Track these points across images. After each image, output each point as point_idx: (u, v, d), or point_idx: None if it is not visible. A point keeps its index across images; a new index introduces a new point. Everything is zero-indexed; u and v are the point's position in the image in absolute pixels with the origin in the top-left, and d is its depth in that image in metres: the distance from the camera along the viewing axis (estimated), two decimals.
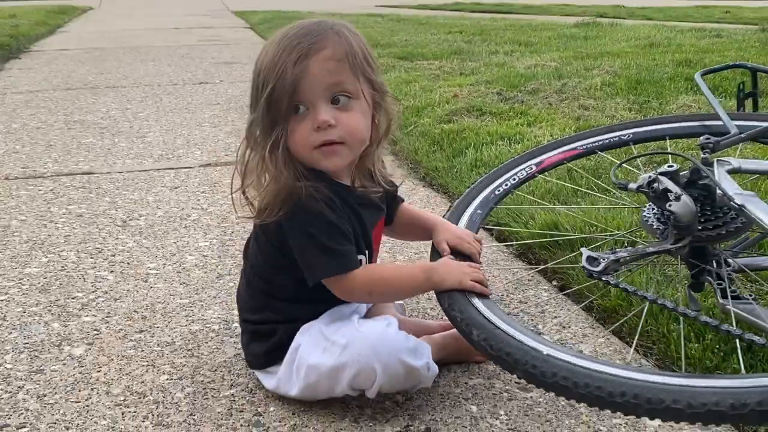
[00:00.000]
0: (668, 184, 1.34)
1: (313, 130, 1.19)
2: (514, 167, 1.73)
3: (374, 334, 1.22)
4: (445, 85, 4.19)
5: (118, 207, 2.40)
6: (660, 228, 1.39)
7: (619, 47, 5.44)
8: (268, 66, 1.19)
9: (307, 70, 1.17)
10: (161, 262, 1.94)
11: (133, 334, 1.56)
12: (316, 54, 1.18)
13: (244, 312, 1.38)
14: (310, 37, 1.19)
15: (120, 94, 4.55)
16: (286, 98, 1.17)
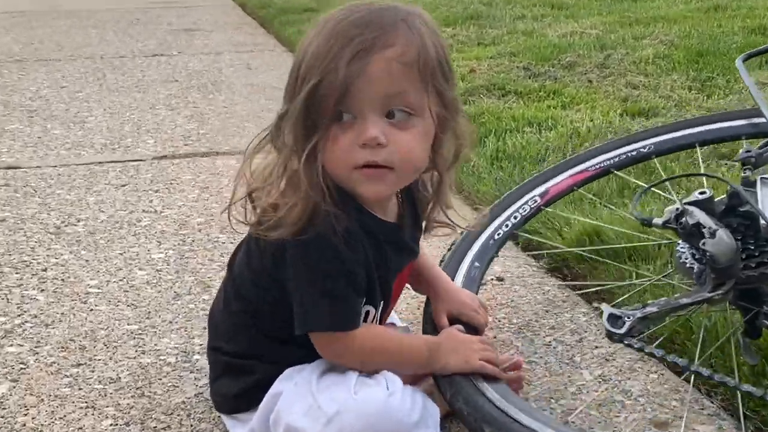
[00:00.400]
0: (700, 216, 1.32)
1: (358, 145, 1.16)
2: (513, 202, 1.73)
3: (372, 406, 1.20)
4: (459, 58, 4.20)
5: (50, 210, 2.40)
6: (697, 269, 1.37)
7: (677, 10, 5.45)
8: (314, 56, 1.14)
9: (364, 70, 1.12)
10: (104, 279, 1.94)
11: (69, 368, 1.56)
12: (380, 52, 1.13)
13: (217, 337, 1.37)
14: (375, 28, 1.14)
15: (53, 68, 4.56)
16: (332, 101, 1.13)
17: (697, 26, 4.72)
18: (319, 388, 1.23)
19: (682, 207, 1.33)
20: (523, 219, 1.72)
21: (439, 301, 1.46)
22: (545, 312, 1.77)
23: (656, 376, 1.52)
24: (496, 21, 5.46)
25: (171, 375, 1.54)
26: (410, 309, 1.80)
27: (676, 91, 3.38)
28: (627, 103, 3.23)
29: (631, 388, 1.48)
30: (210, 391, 1.39)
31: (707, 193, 1.35)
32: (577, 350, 1.62)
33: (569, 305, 1.80)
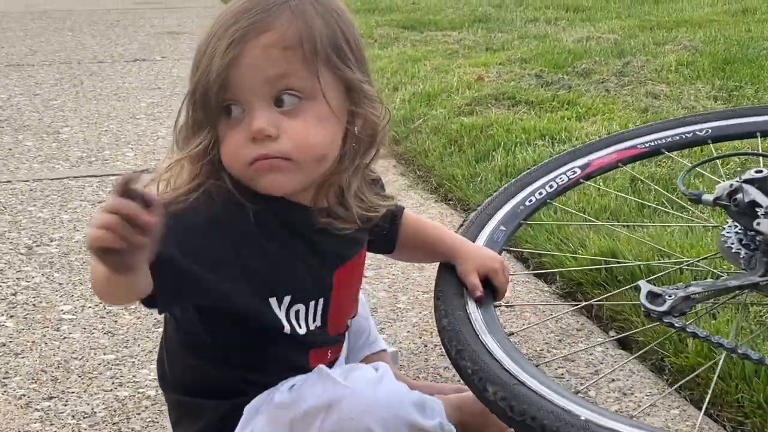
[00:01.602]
0: (756, 194, 1.34)
1: (249, 140, 1.16)
2: (551, 170, 1.74)
3: (366, 388, 1.21)
4: (465, 65, 4.22)
5: (21, 228, 2.41)
6: (745, 254, 1.40)
7: (701, 13, 5.48)
8: (198, 49, 1.18)
9: (239, 58, 1.14)
10: (79, 304, 1.95)
11: (40, 401, 1.56)
12: (255, 38, 1.14)
13: (162, 378, 1.36)
14: (254, 13, 1.16)
15: (26, 74, 4.58)
16: (213, 95, 1.15)
17: (723, 31, 4.74)
18: (296, 396, 1.22)
19: (737, 183, 1.35)
20: (558, 189, 1.73)
21: (466, 260, 1.45)
22: (558, 341, 1.78)
23: (678, 412, 1.52)
24: (505, 24, 5.48)
25: (150, 409, 1.54)
26: (411, 337, 1.81)
27: (700, 101, 3.39)
28: (647, 114, 3.24)
29: (653, 424, 1.48)
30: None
31: (765, 171, 1.37)
32: (592, 383, 1.62)
33: (584, 334, 1.81)
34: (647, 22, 5.25)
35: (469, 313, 1.37)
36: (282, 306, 1.25)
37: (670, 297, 1.30)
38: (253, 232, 1.19)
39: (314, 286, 1.28)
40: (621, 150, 1.78)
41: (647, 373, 1.65)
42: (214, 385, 1.29)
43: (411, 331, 1.83)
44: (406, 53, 4.58)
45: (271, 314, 1.24)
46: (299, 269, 1.25)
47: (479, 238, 1.57)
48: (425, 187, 2.77)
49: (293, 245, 1.24)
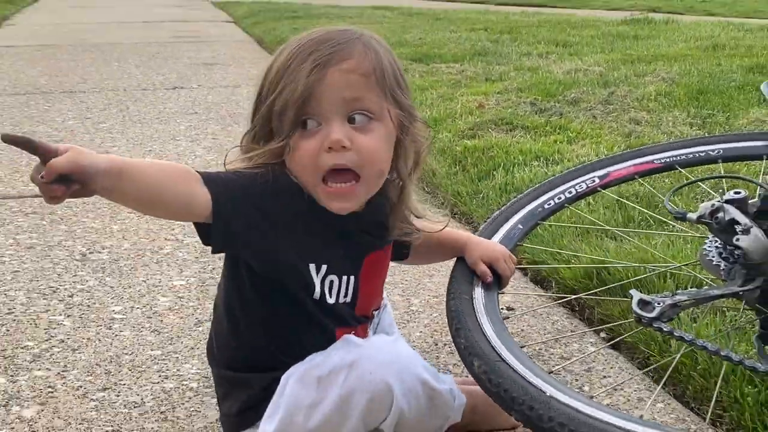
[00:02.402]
0: (735, 214, 1.34)
1: (324, 151, 1.21)
2: (572, 179, 1.74)
3: (384, 349, 1.24)
4: (467, 93, 4.22)
5: (76, 237, 2.41)
6: (725, 266, 1.40)
7: (677, 49, 5.48)
8: (276, 71, 1.22)
9: (323, 78, 1.19)
10: (128, 305, 1.95)
11: (95, 392, 1.57)
12: (338, 64, 1.21)
13: (212, 358, 1.39)
14: (332, 44, 1.22)
15: (78, 100, 4.60)
16: (294, 109, 1.20)
17: (696, 64, 4.74)
18: (325, 357, 1.24)
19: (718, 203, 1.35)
20: (576, 195, 1.74)
21: (473, 250, 1.50)
22: (554, 342, 1.77)
23: (663, 405, 1.52)
24: (502, 57, 5.49)
25: (193, 400, 1.54)
26: (423, 336, 1.80)
27: (677, 127, 3.39)
28: (630, 138, 3.24)
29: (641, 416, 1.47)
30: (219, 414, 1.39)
31: (742, 193, 1.37)
32: (585, 380, 1.61)
33: (577, 336, 1.80)
34: (628, 56, 5.26)
35: (474, 298, 1.40)
36: (319, 273, 1.28)
37: (658, 304, 1.29)
38: (305, 210, 1.25)
39: (348, 263, 1.31)
40: (640, 164, 1.78)
41: (636, 371, 1.64)
42: (255, 363, 1.31)
43: (423, 331, 1.83)
44: (415, 83, 4.58)
45: (309, 278, 1.27)
46: (338, 247, 1.29)
47: (498, 233, 1.59)
48: (433, 203, 2.77)
49: (336, 228, 1.28)
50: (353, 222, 1.29)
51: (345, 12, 9.16)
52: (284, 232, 1.24)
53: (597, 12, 9.87)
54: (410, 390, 1.22)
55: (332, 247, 1.29)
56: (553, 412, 1.11)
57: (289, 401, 1.23)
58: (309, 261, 1.27)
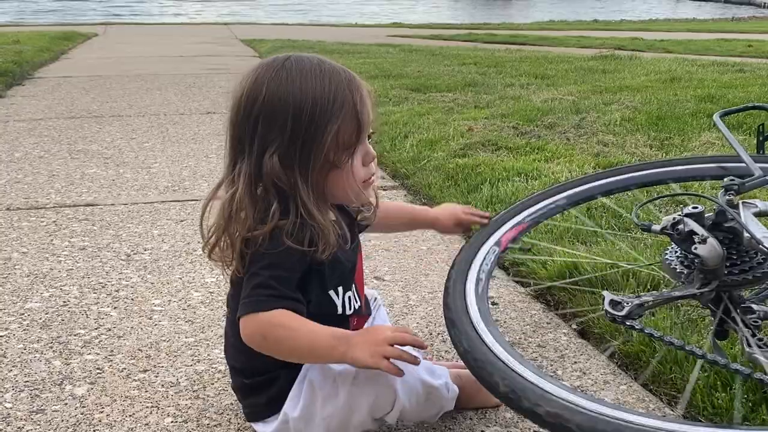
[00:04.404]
0: (694, 226, 1.35)
1: (362, 165, 1.23)
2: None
3: None
4: (459, 119, 4.22)
5: (122, 240, 2.42)
6: (683, 272, 1.40)
7: (639, 81, 5.48)
8: (319, 102, 1.17)
9: (367, 107, 1.21)
10: (166, 299, 1.95)
11: (137, 373, 1.57)
12: (363, 90, 1.22)
13: (236, 364, 1.33)
14: (346, 71, 1.22)
15: (125, 123, 4.61)
16: (352, 137, 1.19)
17: (656, 94, 4.74)
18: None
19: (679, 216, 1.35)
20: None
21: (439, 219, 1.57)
22: (532, 332, 1.77)
23: (625, 387, 1.51)
24: (489, 88, 5.49)
25: (222, 381, 1.54)
26: (420, 327, 1.80)
27: (639, 149, 3.39)
28: (599, 157, 3.24)
29: (604, 397, 1.47)
30: (241, 405, 1.35)
31: (700, 208, 1.38)
32: (559, 365, 1.61)
33: (552, 327, 1.80)
34: (597, 87, 5.26)
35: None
36: (339, 296, 1.28)
37: (627, 304, 1.29)
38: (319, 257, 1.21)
39: (351, 274, 1.32)
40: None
41: (601, 358, 1.64)
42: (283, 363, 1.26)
43: (419, 323, 1.83)
44: (414, 109, 4.59)
45: (333, 302, 1.28)
46: (345, 267, 1.29)
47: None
48: None
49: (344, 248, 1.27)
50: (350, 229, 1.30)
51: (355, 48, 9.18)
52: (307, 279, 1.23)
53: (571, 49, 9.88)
54: (411, 389, 1.23)
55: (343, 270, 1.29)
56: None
57: (309, 390, 1.24)
58: (330, 289, 1.27)
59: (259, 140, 1.19)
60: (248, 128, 1.19)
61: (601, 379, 1.55)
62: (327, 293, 1.27)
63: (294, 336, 1.16)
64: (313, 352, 1.17)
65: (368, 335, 1.15)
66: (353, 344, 1.14)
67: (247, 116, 1.19)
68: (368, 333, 1.17)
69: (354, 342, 1.15)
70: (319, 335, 1.16)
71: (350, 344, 1.15)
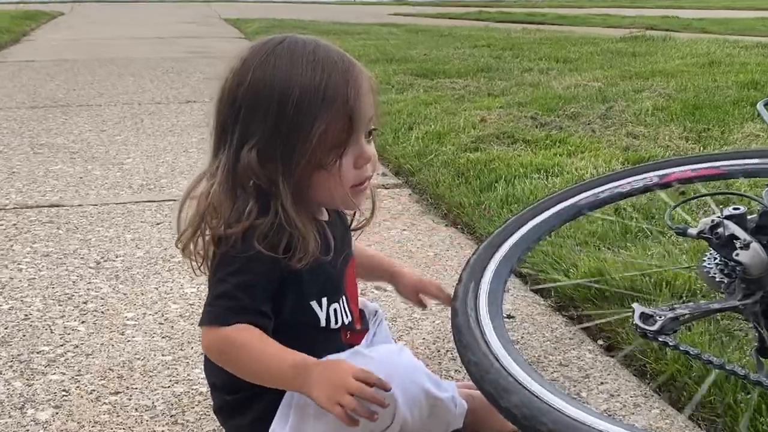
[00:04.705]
0: (735, 229, 1.34)
1: (354, 167, 1.21)
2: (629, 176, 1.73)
3: (387, 359, 1.23)
4: (470, 108, 4.23)
5: (91, 246, 2.42)
6: (723, 281, 1.39)
7: (673, 65, 5.48)
8: (307, 92, 1.15)
9: (363, 102, 1.18)
10: (141, 312, 1.95)
11: (108, 396, 1.57)
12: (364, 83, 1.19)
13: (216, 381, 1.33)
14: (348, 61, 1.20)
15: (94, 113, 4.62)
16: (342, 134, 1.17)
17: (693, 80, 4.74)
18: None
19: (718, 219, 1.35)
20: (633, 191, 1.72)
21: (404, 284, 1.52)
22: (553, 349, 1.77)
23: (658, 412, 1.51)
24: (504, 73, 5.50)
25: (203, 404, 1.54)
26: (426, 343, 1.80)
27: (673, 141, 3.39)
28: (628, 152, 3.24)
29: (635, 423, 1.47)
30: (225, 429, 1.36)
31: (741, 209, 1.37)
32: (583, 386, 1.61)
33: (575, 342, 1.80)
34: (626, 72, 5.26)
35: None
36: (323, 307, 1.28)
37: (660, 317, 1.29)
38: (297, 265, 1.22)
39: (338, 284, 1.32)
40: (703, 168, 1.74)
41: (632, 378, 1.63)
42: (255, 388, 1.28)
43: (426, 339, 1.82)
44: (420, 98, 4.60)
45: (314, 314, 1.28)
46: (330, 276, 1.29)
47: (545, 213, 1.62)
48: (437, 213, 2.77)
49: (325, 257, 1.27)
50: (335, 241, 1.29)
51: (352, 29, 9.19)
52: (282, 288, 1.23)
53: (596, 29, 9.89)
54: (413, 399, 1.22)
55: (326, 279, 1.29)
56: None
57: (299, 407, 1.23)
58: (311, 300, 1.27)
59: (240, 131, 1.19)
60: (231, 116, 1.20)
61: (631, 401, 1.54)
62: (307, 303, 1.27)
63: (253, 358, 1.17)
64: (272, 379, 1.19)
65: (329, 373, 1.16)
66: (312, 380, 1.15)
67: (230, 103, 1.20)
68: (330, 370, 1.16)
69: (313, 378, 1.15)
70: (279, 362, 1.17)
71: (309, 379, 1.16)
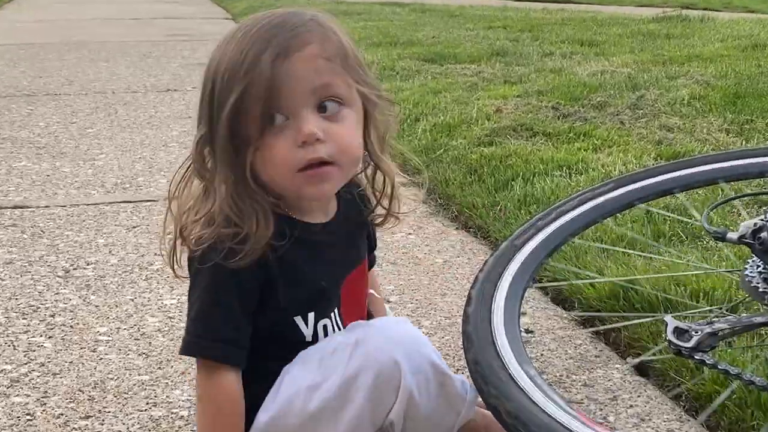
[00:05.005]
0: None
1: (296, 146, 1.19)
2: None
3: (391, 327, 1.27)
4: (484, 97, 4.23)
5: (59, 252, 2.43)
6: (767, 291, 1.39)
7: (712, 49, 5.48)
8: (231, 65, 1.18)
9: (289, 69, 1.18)
10: (114, 326, 1.96)
11: (77, 420, 1.57)
12: (301, 50, 1.19)
13: None
14: (290, 28, 1.20)
15: (63, 103, 4.63)
16: (260, 106, 1.18)
17: (734, 66, 4.74)
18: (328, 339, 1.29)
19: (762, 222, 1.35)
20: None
21: None
22: (577, 368, 1.77)
23: None
24: (522, 58, 5.50)
25: (184, 429, 1.54)
26: None
27: (712, 134, 3.39)
28: (661, 146, 3.24)
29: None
30: None
31: None
32: (611, 409, 1.61)
33: (602, 360, 1.80)
34: (659, 56, 5.26)
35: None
36: (309, 323, 1.29)
37: (696, 333, 1.29)
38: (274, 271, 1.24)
39: (331, 297, 1.32)
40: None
41: (665, 400, 1.64)
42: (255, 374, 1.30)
43: None
44: (427, 85, 4.60)
45: (298, 330, 1.29)
46: (320, 290, 1.30)
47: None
48: (446, 215, 2.77)
49: (309, 266, 1.28)
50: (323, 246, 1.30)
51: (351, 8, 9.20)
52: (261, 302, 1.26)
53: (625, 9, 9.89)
54: (419, 369, 1.22)
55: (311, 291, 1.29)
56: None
57: (288, 386, 1.25)
58: (294, 315, 1.29)
59: (197, 119, 1.26)
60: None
61: (664, 426, 1.55)
62: (291, 319, 1.28)
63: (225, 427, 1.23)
64: None
65: None
66: None
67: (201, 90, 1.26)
68: None
69: None
70: None
71: None
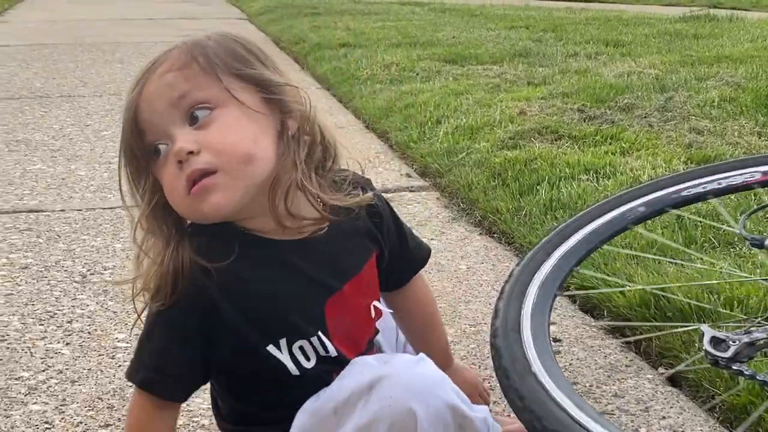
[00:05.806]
0: None
1: (178, 170, 1.18)
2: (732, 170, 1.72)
3: (405, 369, 1.22)
4: (507, 99, 4.22)
5: (75, 257, 2.44)
6: None
7: (742, 49, 5.45)
8: None
9: (144, 93, 1.19)
10: (133, 332, 1.96)
11: (97, 428, 1.57)
12: (153, 72, 1.20)
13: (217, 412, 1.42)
14: (153, 59, 1.23)
15: (77, 105, 4.65)
16: (135, 141, 1.20)
17: (765, 67, 4.70)
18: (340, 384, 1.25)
19: None
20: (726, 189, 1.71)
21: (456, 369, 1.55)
22: (607, 377, 1.76)
23: None
24: (546, 59, 5.48)
25: None
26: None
27: (744, 137, 3.37)
28: (691, 149, 3.22)
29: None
30: None
31: None
32: (642, 420, 1.60)
33: (633, 370, 1.79)
34: (688, 57, 5.23)
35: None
36: (283, 349, 1.26)
37: (734, 342, 1.28)
38: (227, 296, 1.22)
39: (306, 321, 1.27)
40: None
41: (698, 411, 1.63)
42: (262, 419, 1.32)
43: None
44: (448, 87, 4.59)
45: (276, 360, 1.25)
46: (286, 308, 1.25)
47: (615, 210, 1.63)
48: (469, 221, 2.77)
49: (273, 288, 1.25)
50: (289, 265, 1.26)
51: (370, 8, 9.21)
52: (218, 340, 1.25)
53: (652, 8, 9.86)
54: (437, 417, 1.19)
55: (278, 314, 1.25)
56: None
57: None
58: (266, 344, 1.25)
59: None
60: None
61: None
62: (263, 351, 1.25)
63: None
64: None
65: None
66: None
67: None
68: None
69: None
70: None
71: None
